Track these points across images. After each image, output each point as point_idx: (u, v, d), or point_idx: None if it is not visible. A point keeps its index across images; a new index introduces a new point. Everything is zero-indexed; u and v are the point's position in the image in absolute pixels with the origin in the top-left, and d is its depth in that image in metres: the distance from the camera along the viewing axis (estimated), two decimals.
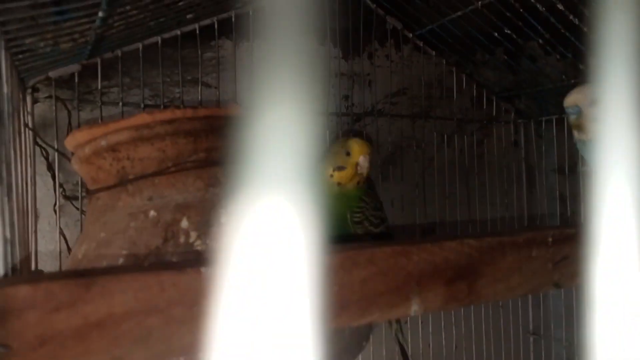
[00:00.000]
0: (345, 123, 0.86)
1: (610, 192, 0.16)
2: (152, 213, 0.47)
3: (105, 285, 0.29)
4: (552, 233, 0.45)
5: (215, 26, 0.73)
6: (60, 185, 0.65)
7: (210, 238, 0.46)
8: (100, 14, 0.49)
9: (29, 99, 0.62)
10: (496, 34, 0.80)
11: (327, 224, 0.53)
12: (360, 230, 0.64)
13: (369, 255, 0.38)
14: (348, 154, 0.62)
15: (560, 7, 0.69)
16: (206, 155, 0.49)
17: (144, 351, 0.31)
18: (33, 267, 0.61)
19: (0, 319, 0.27)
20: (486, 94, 0.95)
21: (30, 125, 0.62)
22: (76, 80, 0.65)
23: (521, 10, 0.73)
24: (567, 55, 0.87)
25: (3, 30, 0.44)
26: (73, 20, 0.48)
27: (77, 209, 0.66)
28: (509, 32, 0.78)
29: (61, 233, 0.64)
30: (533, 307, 0.95)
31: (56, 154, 0.64)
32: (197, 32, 0.72)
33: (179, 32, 0.70)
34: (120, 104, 0.68)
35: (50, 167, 0.65)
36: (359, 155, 0.61)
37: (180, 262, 0.33)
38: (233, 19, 0.74)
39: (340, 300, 0.37)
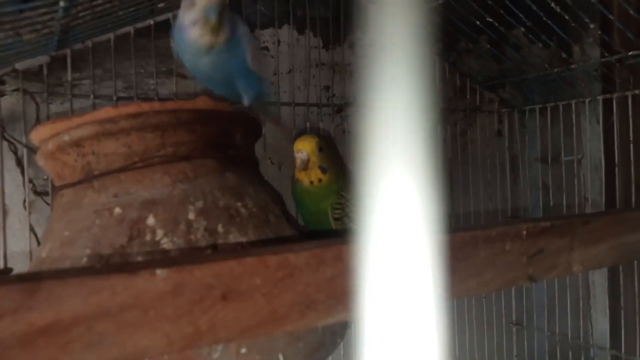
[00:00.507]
0: (327, 114, 0.84)
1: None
2: (117, 210, 0.46)
3: (51, 290, 0.28)
4: (526, 226, 0.44)
5: None
6: (30, 181, 0.63)
7: (177, 236, 0.44)
8: (62, 3, 0.47)
9: None
10: (479, 23, 0.78)
11: (308, 221, 0.51)
12: (340, 226, 0.63)
13: (336, 252, 0.37)
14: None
15: None
16: (174, 150, 0.48)
17: (96, 357, 0.30)
18: (2, 265, 0.59)
19: None
20: (470, 83, 0.94)
21: None
22: (45, 72, 0.63)
23: None
24: (550, 44, 0.86)
25: None
26: (32, 10, 0.46)
27: (48, 204, 0.64)
28: (491, 20, 0.77)
29: (32, 230, 0.62)
30: (516, 297, 0.94)
31: (25, 148, 0.62)
32: (171, 21, 0.70)
33: (152, 22, 0.68)
34: (92, 96, 0.66)
35: (19, 162, 0.63)
36: (295, 150, 0.62)
37: (133, 264, 0.32)
38: None
39: (306, 300, 0.36)
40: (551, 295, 0.90)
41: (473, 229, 0.44)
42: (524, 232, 0.45)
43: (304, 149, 0.61)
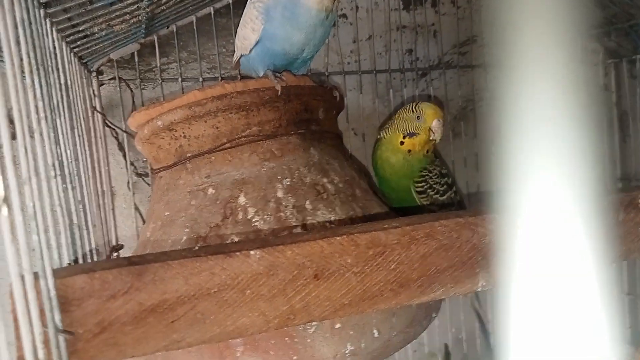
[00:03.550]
0: (410, 79, 0.81)
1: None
2: (210, 190, 0.47)
3: (155, 272, 0.29)
4: None
5: None
6: (132, 164, 0.68)
7: (267, 214, 0.45)
8: None
9: (94, 82, 0.65)
10: None
11: (391, 198, 0.50)
12: (424, 200, 0.61)
13: (428, 229, 0.36)
14: (419, 118, 0.60)
15: None
16: (259, 129, 0.48)
17: (200, 334, 0.31)
18: (115, 243, 0.65)
19: (62, 307, 0.28)
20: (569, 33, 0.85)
21: (98, 108, 0.64)
22: (136, 59, 0.67)
23: None
24: None
25: (56, 21, 0.45)
26: (120, 2, 0.48)
27: (149, 185, 0.68)
28: None
29: (136, 209, 0.67)
30: (627, 264, 0.87)
31: (124, 134, 0.66)
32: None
33: (230, 0, 0.69)
34: (180, 79, 0.69)
35: (121, 147, 0.68)
36: (433, 120, 0.59)
37: (229, 245, 0.33)
38: None
39: (399, 278, 0.35)
40: None
41: None
42: None
43: (442, 118, 0.60)
